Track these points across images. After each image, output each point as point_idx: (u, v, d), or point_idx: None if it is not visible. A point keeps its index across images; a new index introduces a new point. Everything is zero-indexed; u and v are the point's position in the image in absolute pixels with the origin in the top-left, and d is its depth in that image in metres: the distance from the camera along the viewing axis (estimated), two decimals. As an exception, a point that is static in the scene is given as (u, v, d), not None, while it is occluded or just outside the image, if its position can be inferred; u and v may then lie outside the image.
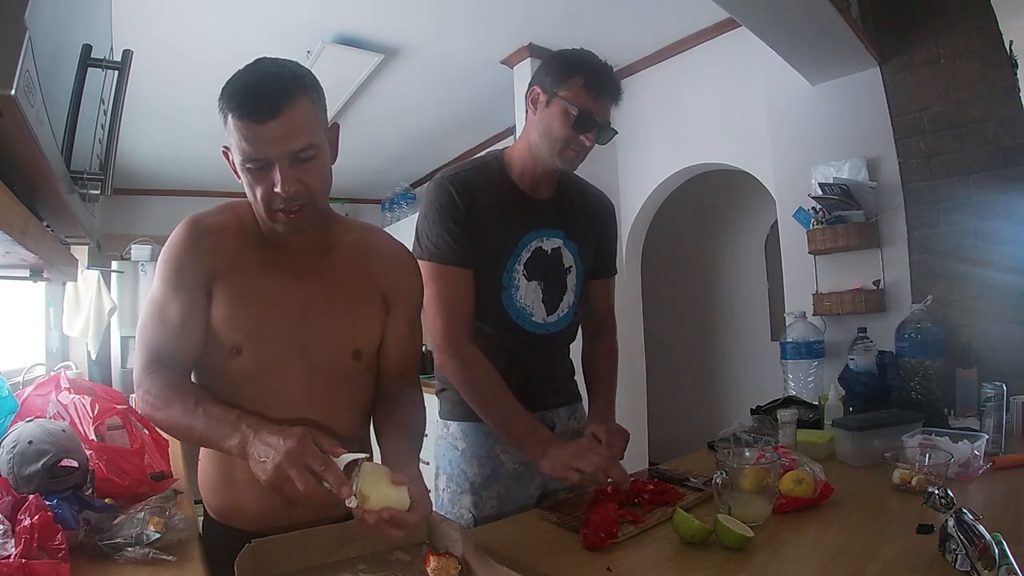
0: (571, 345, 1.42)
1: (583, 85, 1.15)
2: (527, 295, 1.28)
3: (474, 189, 1.21)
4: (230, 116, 0.83)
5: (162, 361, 0.90)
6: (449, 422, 1.33)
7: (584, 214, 1.35)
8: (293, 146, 0.83)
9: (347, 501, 0.73)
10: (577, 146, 1.18)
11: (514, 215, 1.25)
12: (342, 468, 0.75)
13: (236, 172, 0.91)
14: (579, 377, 1.46)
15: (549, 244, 1.29)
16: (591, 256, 1.38)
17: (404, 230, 3.72)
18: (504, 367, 1.21)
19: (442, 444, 1.33)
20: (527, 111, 1.23)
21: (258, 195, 0.86)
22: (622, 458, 1.18)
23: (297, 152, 0.84)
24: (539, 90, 1.20)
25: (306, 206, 0.88)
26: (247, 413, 0.84)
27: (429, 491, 0.87)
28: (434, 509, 1.00)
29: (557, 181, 1.31)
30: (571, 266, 1.33)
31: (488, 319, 1.25)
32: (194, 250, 0.91)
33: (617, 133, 1.22)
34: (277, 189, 0.84)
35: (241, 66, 0.87)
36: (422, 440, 1.00)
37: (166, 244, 0.93)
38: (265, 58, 0.87)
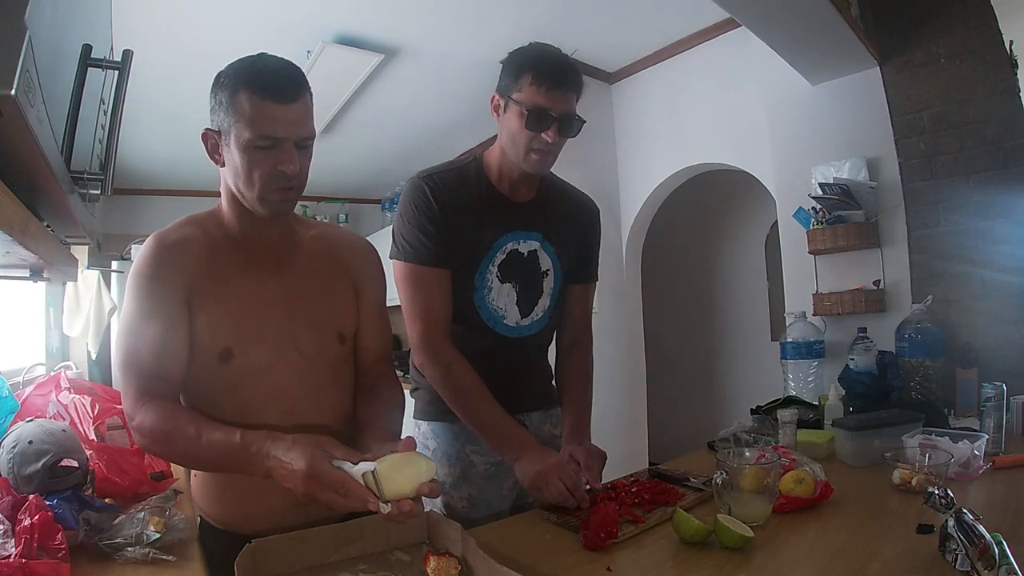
0: (548, 349, 1.41)
1: (531, 82, 1.12)
2: (500, 297, 1.26)
3: (450, 189, 1.21)
4: (244, 93, 0.84)
5: (150, 388, 0.88)
6: (420, 421, 1.32)
7: (566, 217, 1.34)
8: (302, 132, 0.88)
9: (381, 510, 0.74)
10: (540, 145, 1.15)
11: (490, 216, 1.24)
12: (361, 478, 0.76)
13: (215, 156, 0.92)
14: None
15: (525, 246, 1.27)
16: (572, 260, 1.36)
17: (404, 230, 3.71)
18: (475, 369, 1.20)
19: None
20: (493, 117, 1.22)
21: (256, 174, 0.88)
22: (600, 480, 1.16)
23: (304, 138, 0.89)
24: (498, 96, 1.19)
25: (295, 189, 0.92)
26: (247, 433, 0.82)
27: None
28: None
29: (538, 184, 1.29)
30: (548, 269, 1.31)
31: (460, 320, 1.24)
32: (165, 267, 0.90)
33: (584, 122, 1.18)
34: (282, 168, 0.87)
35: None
36: (401, 421, 1.01)
37: (133, 267, 0.91)
38: (266, 53, 0.90)
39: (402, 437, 0.92)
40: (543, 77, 1.12)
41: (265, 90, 0.84)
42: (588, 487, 1.11)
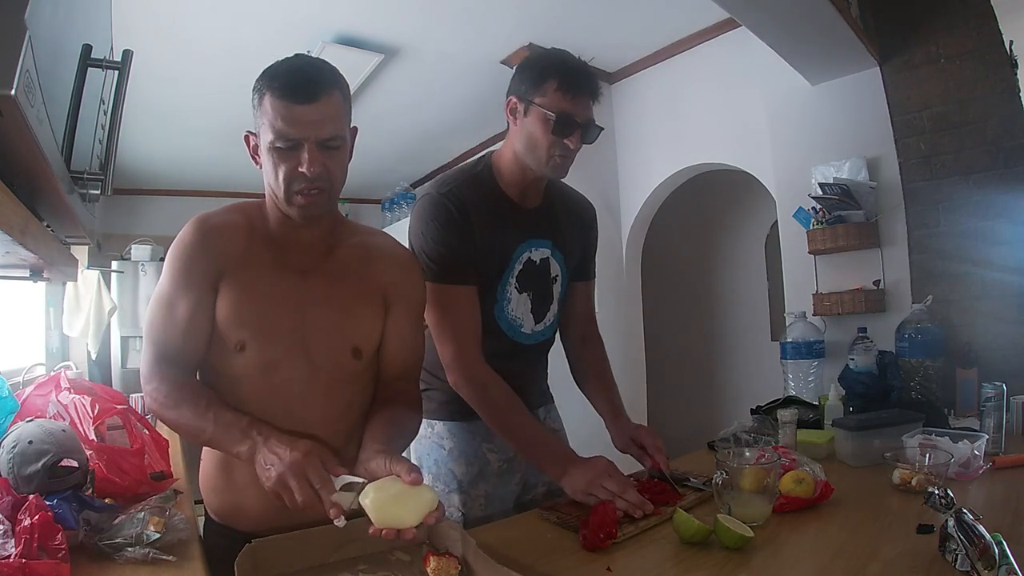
0: (549, 350, 1.42)
1: (557, 88, 1.12)
2: (518, 307, 1.27)
3: (470, 204, 1.18)
4: (268, 95, 0.86)
5: (170, 359, 0.91)
6: (434, 422, 1.31)
7: (570, 221, 1.34)
8: (324, 132, 0.87)
9: (336, 521, 0.75)
10: (563, 151, 1.15)
11: (507, 227, 1.23)
12: (339, 487, 0.77)
13: (255, 157, 0.94)
14: (552, 380, 1.47)
15: (538, 254, 1.28)
16: (575, 263, 1.37)
17: (404, 230, 3.71)
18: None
19: (425, 443, 1.32)
20: (508, 120, 1.21)
21: (280, 175, 0.88)
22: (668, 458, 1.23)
23: (326, 140, 0.88)
24: (516, 100, 1.17)
25: (324, 191, 0.91)
26: (257, 420, 0.86)
27: None
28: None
29: (544, 189, 1.29)
30: (557, 275, 1.32)
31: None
32: (202, 248, 0.93)
33: (603, 129, 1.18)
34: (302, 169, 0.87)
35: (240, 66, 0.89)
36: (404, 446, 0.99)
37: (175, 242, 0.94)
38: (303, 54, 0.92)
39: (409, 455, 0.93)
40: (569, 83, 1.12)
41: (284, 90, 0.85)
42: (656, 472, 1.20)
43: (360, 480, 0.79)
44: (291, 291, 0.96)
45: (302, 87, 0.85)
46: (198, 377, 0.97)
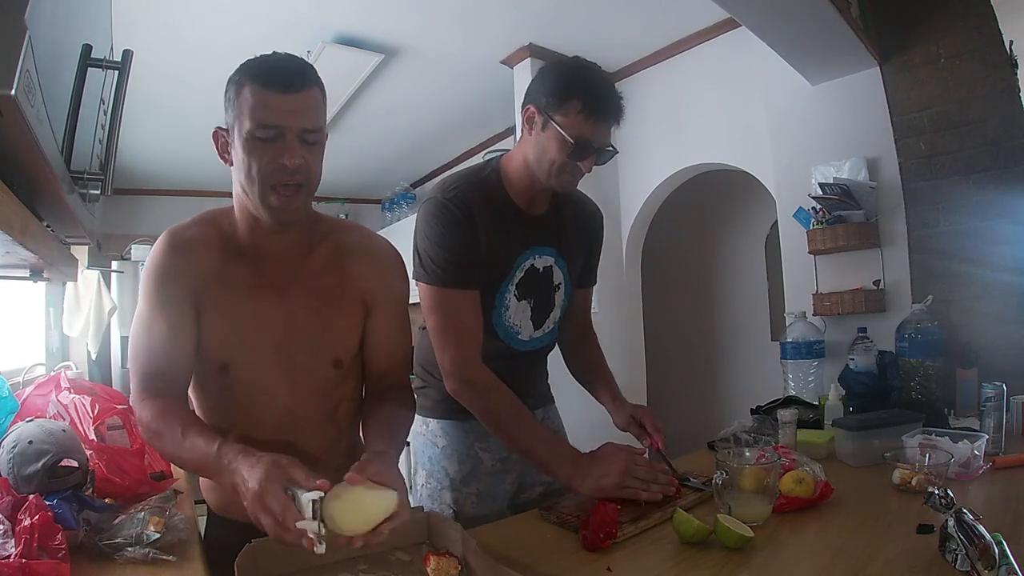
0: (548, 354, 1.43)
1: (580, 111, 1.08)
2: (516, 314, 1.26)
3: (475, 209, 1.16)
4: (248, 86, 0.85)
5: (154, 384, 0.89)
6: (429, 419, 1.32)
7: (576, 229, 1.33)
8: (306, 123, 0.86)
9: (315, 549, 0.69)
10: (574, 171, 1.14)
11: (511, 234, 1.21)
12: (308, 505, 0.71)
13: (224, 155, 0.91)
14: (554, 380, 1.47)
15: (541, 262, 1.27)
16: (578, 270, 1.37)
17: (404, 230, 3.71)
18: None
19: (421, 440, 1.33)
20: (523, 127, 1.18)
21: (255, 167, 0.86)
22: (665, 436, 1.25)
23: (308, 130, 0.86)
24: (534, 110, 1.14)
25: (302, 187, 0.89)
26: (226, 444, 0.79)
27: (408, 488, 0.86)
28: (413, 503, 0.99)
29: (552, 195, 1.27)
30: (560, 283, 1.31)
31: None
32: (175, 267, 0.91)
33: (617, 152, 1.17)
34: (283, 160, 0.85)
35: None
36: (403, 440, 0.99)
37: (147, 261, 0.92)
38: (279, 52, 0.91)
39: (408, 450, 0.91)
40: (592, 109, 1.09)
41: (267, 78, 0.84)
42: (654, 451, 1.22)
43: (319, 495, 0.72)
44: (270, 310, 0.94)
45: (287, 77, 0.85)
46: (195, 401, 0.96)
